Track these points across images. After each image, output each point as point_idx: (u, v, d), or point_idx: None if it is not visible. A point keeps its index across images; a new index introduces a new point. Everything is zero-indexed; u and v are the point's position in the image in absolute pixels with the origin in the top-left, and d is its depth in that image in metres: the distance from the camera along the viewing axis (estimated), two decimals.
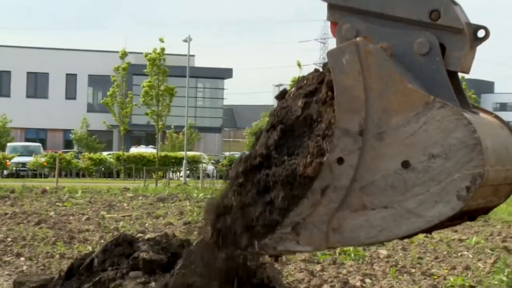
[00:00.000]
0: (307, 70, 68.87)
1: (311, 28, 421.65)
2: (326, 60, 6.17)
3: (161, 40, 53.74)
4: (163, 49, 53.65)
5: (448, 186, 5.53)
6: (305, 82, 6.14)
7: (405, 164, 5.66)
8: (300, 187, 5.99)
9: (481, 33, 6.03)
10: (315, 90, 6.09)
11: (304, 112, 6.03)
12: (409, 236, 5.78)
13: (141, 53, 57.62)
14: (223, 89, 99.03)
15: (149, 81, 52.58)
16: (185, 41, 68.78)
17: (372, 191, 5.72)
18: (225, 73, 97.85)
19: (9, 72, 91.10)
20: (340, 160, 5.77)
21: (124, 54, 58.53)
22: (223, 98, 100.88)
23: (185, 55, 69.27)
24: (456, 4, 6.07)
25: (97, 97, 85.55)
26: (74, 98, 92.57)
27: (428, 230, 5.86)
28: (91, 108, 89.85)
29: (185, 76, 64.92)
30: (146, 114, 53.25)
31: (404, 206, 5.60)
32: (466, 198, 5.45)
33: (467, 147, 5.52)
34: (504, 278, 8.02)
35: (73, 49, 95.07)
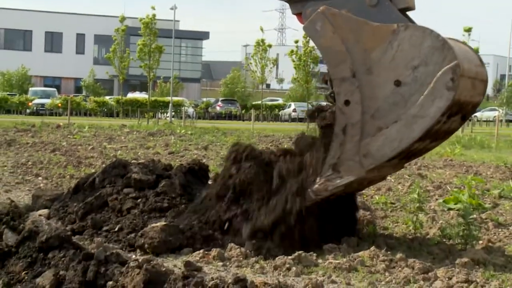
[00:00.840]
0: (268, 33, 68.02)
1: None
2: (284, 27, 6.29)
3: (153, 8, 53.29)
4: (154, 15, 53.15)
5: (436, 84, 5.64)
6: None
7: (397, 83, 5.79)
8: (326, 136, 6.14)
9: None
10: None
11: None
12: (424, 136, 5.77)
13: (137, 18, 57.10)
14: (201, 48, 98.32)
15: (143, 41, 52.09)
16: (171, 9, 68.16)
17: (380, 114, 5.83)
18: (203, 35, 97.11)
19: (30, 31, 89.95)
20: (346, 102, 5.92)
21: (123, 19, 57.93)
22: (201, 55, 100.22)
23: (172, 20, 68.66)
24: None
25: (101, 52, 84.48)
26: (83, 53, 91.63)
27: (435, 131, 5.88)
28: (96, 61, 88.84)
29: (171, 37, 64.39)
30: (140, 66, 52.79)
31: (409, 114, 5.71)
32: (454, 87, 5.57)
33: (438, 49, 5.67)
34: (416, 196, 8.14)
35: (82, 13, 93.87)
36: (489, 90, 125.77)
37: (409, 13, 6.41)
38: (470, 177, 13.24)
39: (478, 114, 74.18)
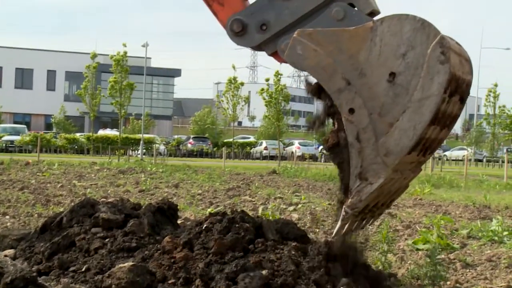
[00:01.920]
0: (240, 71, 68.21)
1: None
2: (255, 64, 6.37)
3: (124, 45, 53.36)
4: (125, 52, 53.22)
5: (429, 62, 5.59)
6: None
7: (392, 75, 5.73)
8: (344, 151, 6.05)
9: None
10: None
11: None
12: (435, 118, 5.70)
13: (108, 55, 57.13)
14: (173, 85, 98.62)
15: (114, 78, 52.07)
16: (143, 46, 68.38)
17: (387, 110, 5.76)
18: (175, 72, 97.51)
19: (1, 67, 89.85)
20: (351, 110, 5.83)
21: (94, 56, 57.92)
22: (173, 92, 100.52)
23: (143, 57, 68.85)
24: None
25: (72, 89, 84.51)
26: (54, 90, 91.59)
27: (442, 112, 5.81)
28: (67, 98, 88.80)
29: (142, 74, 64.55)
30: (112, 104, 52.72)
31: (414, 100, 5.64)
32: (446, 59, 5.55)
33: (419, 29, 5.66)
34: (384, 237, 8.21)
35: (53, 50, 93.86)
36: (458, 130, 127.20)
37: None
38: (439, 216, 13.31)
39: (447, 153, 74.94)
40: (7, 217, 12.30)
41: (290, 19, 6.29)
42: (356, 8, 6.13)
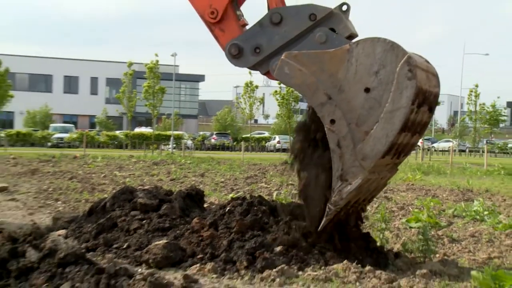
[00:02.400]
0: (255, 76, 68.05)
1: None
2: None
3: (156, 55, 53.40)
4: (157, 61, 53.27)
5: (399, 79, 5.70)
6: None
7: (367, 90, 5.84)
8: (326, 157, 6.16)
9: (344, 7, 6.29)
10: None
11: None
12: (404, 126, 5.80)
13: (143, 63, 57.21)
14: (198, 89, 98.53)
15: (148, 83, 52.15)
16: (172, 55, 68.44)
17: (363, 121, 5.86)
18: (200, 78, 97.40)
19: (51, 76, 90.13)
20: (332, 121, 5.96)
21: (130, 64, 57.99)
22: (198, 95, 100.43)
23: (172, 65, 68.89)
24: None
25: (112, 93, 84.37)
26: (96, 94, 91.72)
27: (411, 121, 5.89)
28: (108, 101, 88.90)
29: (172, 80, 64.59)
30: (146, 105, 52.79)
31: (386, 111, 5.75)
32: (413, 75, 5.66)
33: (389, 50, 5.78)
34: (379, 216, 8.19)
35: (96, 60, 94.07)
36: (444, 124, 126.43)
37: None
38: (429, 199, 13.28)
39: (435, 145, 74.54)
40: (59, 202, 12.39)
41: (279, 42, 6.38)
42: (336, 32, 6.20)
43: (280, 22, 6.36)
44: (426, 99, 6.04)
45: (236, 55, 6.55)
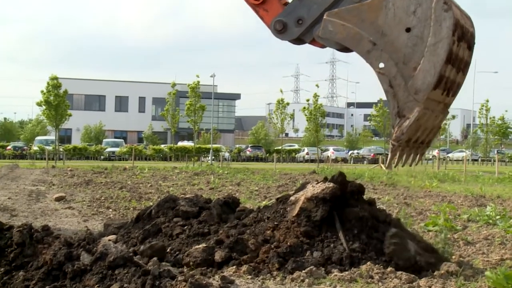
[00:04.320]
0: (286, 94, 67.95)
1: (288, 67, 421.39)
2: (298, 88, 6.28)
3: (197, 76, 53.93)
4: (198, 82, 53.69)
5: (436, 12, 5.54)
6: None
7: (408, 30, 5.67)
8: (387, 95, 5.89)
9: None
10: None
11: None
12: (449, 57, 5.60)
13: (185, 84, 57.61)
14: (234, 106, 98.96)
15: (190, 101, 52.57)
16: (211, 76, 68.76)
17: (409, 58, 5.68)
18: (236, 96, 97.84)
19: (104, 96, 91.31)
20: (380, 64, 5.78)
21: (174, 84, 58.50)
22: (234, 112, 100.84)
23: (211, 85, 69.22)
24: None
25: (158, 111, 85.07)
26: (144, 112, 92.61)
27: (455, 54, 5.69)
28: (154, 118, 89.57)
29: (211, 98, 64.87)
30: (188, 121, 53.15)
31: (430, 45, 5.58)
32: (449, 7, 5.50)
33: None
34: (403, 220, 8.06)
35: (143, 81, 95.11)
36: (458, 136, 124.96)
37: None
38: (445, 204, 13.07)
39: (450, 155, 73.68)
40: (110, 210, 12.46)
41: (319, 11, 6.22)
42: None
43: None
44: (464, 35, 5.84)
45: (281, 30, 6.38)
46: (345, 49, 6.17)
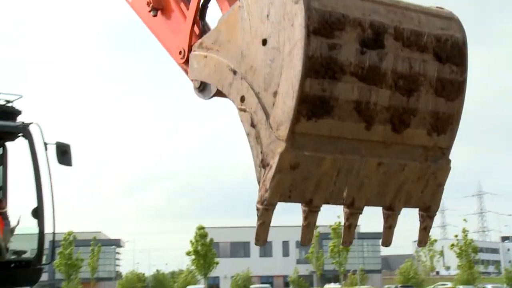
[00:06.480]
0: (432, 230, 66.40)
1: None
2: (445, 224, 5.57)
3: (338, 217, 53.73)
4: (339, 223, 53.47)
5: (286, 8, 3.85)
6: None
7: (264, 41, 4.05)
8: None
9: None
10: None
11: None
12: (310, 64, 3.78)
13: (327, 225, 57.55)
14: (379, 245, 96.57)
15: (333, 243, 52.20)
16: None
17: (269, 80, 3.97)
18: (377, 235, 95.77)
19: (249, 242, 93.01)
20: (242, 98, 4.19)
21: (316, 228, 58.75)
22: (379, 251, 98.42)
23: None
24: None
25: (302, 254, 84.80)
26: (288, 256, 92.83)
27: (314, 59, 3.83)
28: (298, 261, 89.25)
29: (355, 239, 64.09)
30: (333, 263, 52.52)
31: (285, 55, 3.86)
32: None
33: None
34: None
35: (286, 225, 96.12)
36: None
37: None
38: None
39: None
40: None
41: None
42: None
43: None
44: (332, 24, 3.94)
45: (199, 88, 4.83)
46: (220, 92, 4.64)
